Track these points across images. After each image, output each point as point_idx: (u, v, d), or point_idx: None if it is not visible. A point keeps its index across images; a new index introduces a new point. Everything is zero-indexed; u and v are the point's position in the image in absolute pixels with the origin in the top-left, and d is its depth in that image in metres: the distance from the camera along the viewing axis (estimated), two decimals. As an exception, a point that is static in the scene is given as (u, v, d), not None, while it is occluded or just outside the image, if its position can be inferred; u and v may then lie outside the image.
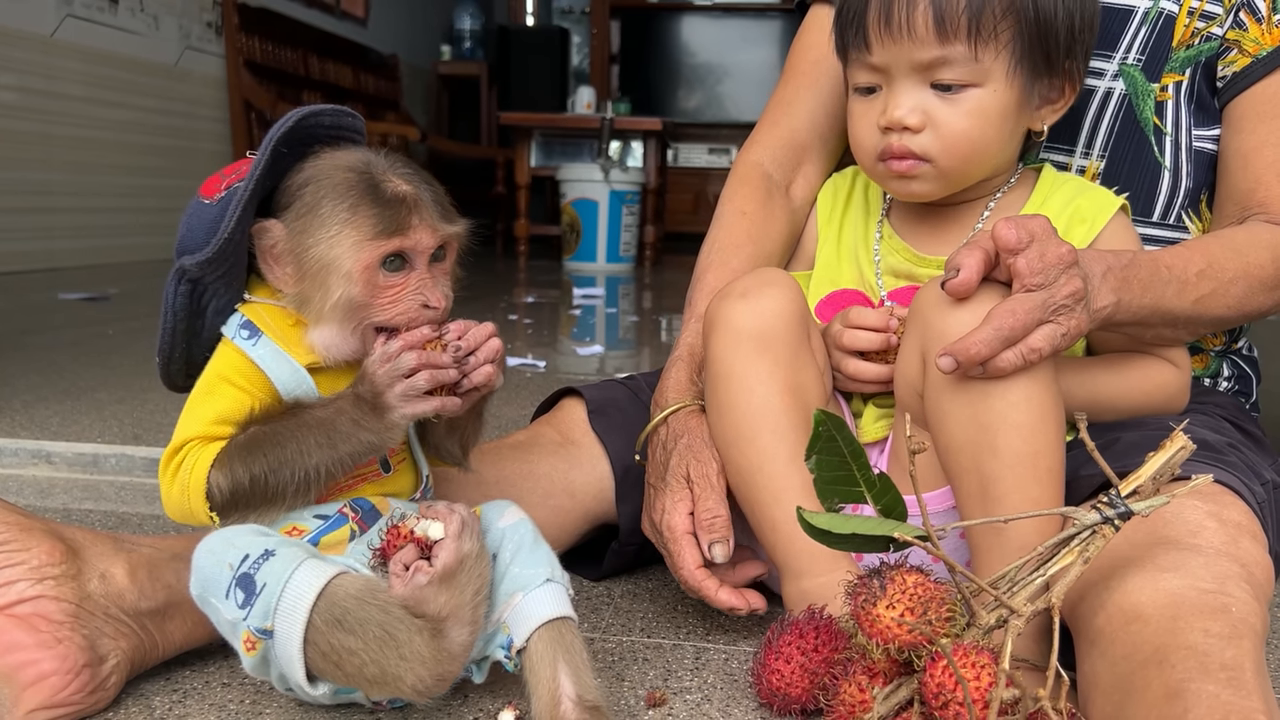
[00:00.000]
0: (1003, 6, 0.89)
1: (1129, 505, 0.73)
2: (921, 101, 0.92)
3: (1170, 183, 1.05)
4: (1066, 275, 0.79)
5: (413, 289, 0.75)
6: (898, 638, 0.70)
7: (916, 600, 0.71)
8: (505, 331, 2.85)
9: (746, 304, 0.91)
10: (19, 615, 0.76)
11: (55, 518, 1.26)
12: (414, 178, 0.76)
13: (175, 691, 0.83)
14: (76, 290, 3.34)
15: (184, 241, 0.76)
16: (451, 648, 0.70)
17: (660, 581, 1.11)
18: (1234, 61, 1.01)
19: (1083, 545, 0.74)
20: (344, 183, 0.73)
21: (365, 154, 0.76)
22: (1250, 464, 0.91)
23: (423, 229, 0.74)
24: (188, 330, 0.80)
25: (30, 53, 3.92)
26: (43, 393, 1.75)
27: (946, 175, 0.94)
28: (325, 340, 0.75)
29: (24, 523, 0.80)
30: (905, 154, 0.93)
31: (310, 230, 0.73)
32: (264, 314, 0.77)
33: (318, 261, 0.73)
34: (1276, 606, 1.10)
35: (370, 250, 0.73)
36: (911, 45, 0.90)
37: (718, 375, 0.92)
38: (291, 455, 0.72)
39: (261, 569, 0.70)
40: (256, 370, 0.75)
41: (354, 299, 0.73)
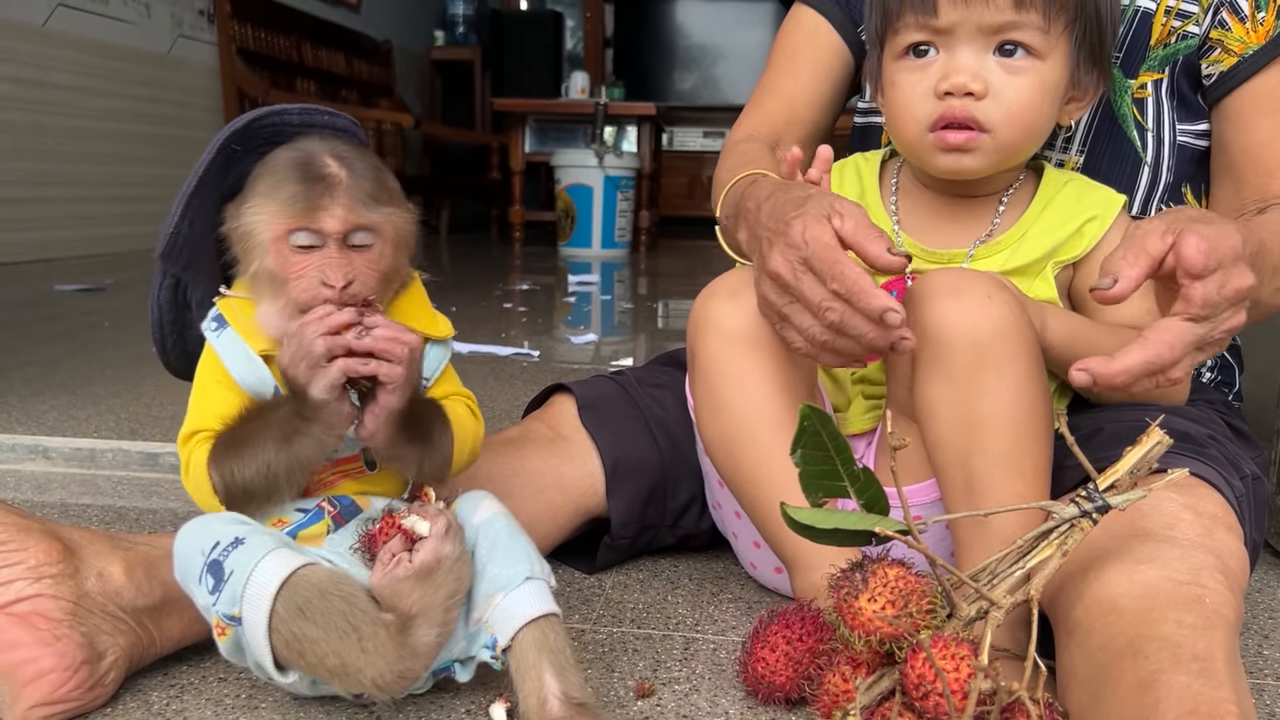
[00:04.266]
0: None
1: (1106, 499, 0.74)
2: (985, 68, 0.90)
3: (1150, 176, 1.06)
4: (1234, 310, 0.76)
5: (315, 266, 0.75)
6: (879, 630, 0.72)
7: (898, 593, 0.72)
8: (500, 320, 2.86)
9: (735, 303, 0.91)
10: (17, 614, 0.78)
11: (53, 513, 1.27)
12: (353, 163, 0.76)
13: (173, 687, 0.85)
14: (72, 281, 3.35)
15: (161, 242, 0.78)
16: (416, 646, 0.71)
17: (651, 573, 1.12)
18: (1219, 60, 1.02)
19: (1061, 538, 0.75)
20: (283, 163, 0.75)
21: (329, 144, 0.77)
22: (1231, 457, 0.92)
23: (334, 210, 0.74)
24: (176, 321, 0.82)
25: (22, 43, 3.92)
26: (39, 387, 1.76)
27: (1003, 149, 0.92)
28: (265, 318, 0.76)
29: (21, 523, 0.81)
30: (967, 121, 0.91)
31: (244, 205, 0.76)
32: (234, 305, 0.78)
33: (244, 234, 0.76)
34: (1256, 592, 1.12)
35: (280, 224, 0.74)
36: (985, 8, 0.88)
37: (711, 375, 0.93)
38: (254, 454, 0.74)
39: (230, 556, 0.72)
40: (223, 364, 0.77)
41: (270, 271, 0.75)
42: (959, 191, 0.99)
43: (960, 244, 0.99)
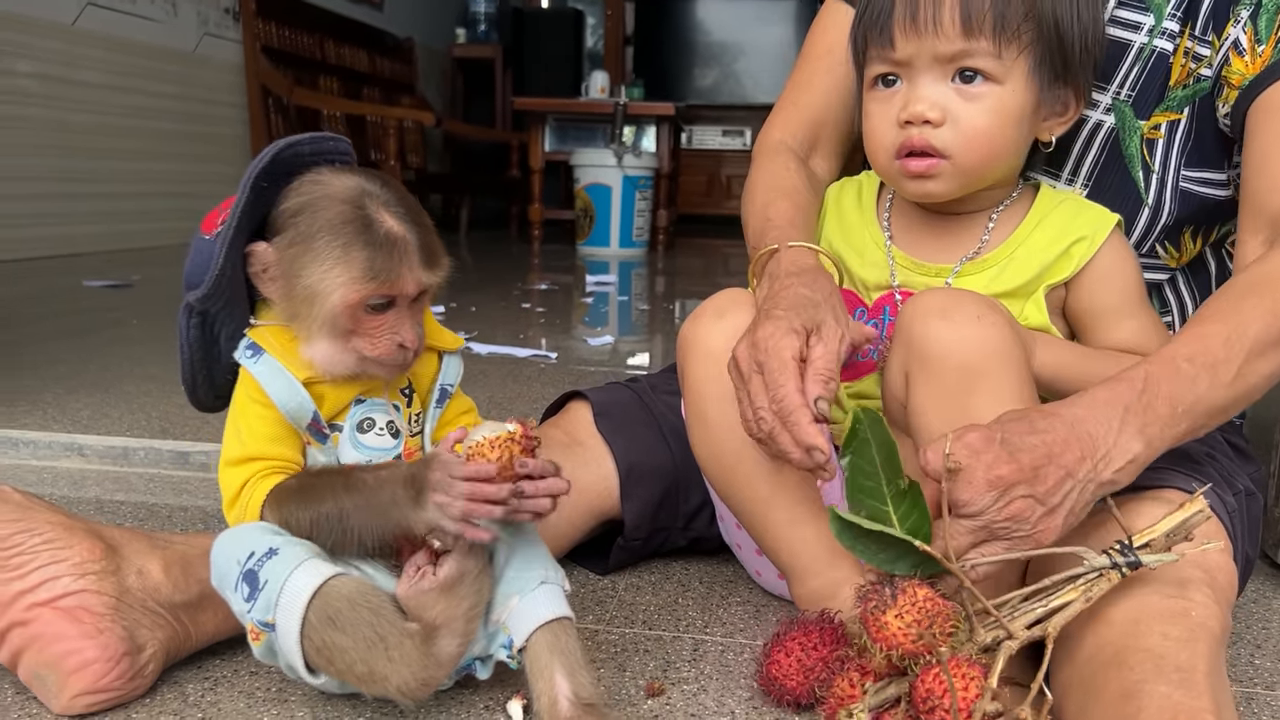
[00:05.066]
0: (1025, 9, 0.92)
1: (1139, 556, 0.77)
2: (942, 97, 0.93)
3: (1149, 217, 1.07)
4: (1003, 499, 0.78)
5: (390, 327, 0.79)
6: (902, 646, 0.75)
7: (924, 614, 0.75)
8: (519, 320, 2.90)
9: (722, 325, 0.95)
10: (63, 608, 0.82)
11: (89, 509, 1.32)
12: (405, 216, 0.79)
13: (207, 679, 0.89)
14: (100, 277, 3.41)
15: (189, 276, 0.82)
16: (439, 655, 0.75)
17: (663, 575, 1.16)
18: (1228, 99, 1.03)
19: (1088, 585, 0.78)
20: (338, 217, 0.77)
21: (360, 182, 0.80)
22: (1226, 473, 0.95)
23: (408, 278, 0.79)
24: (205, 358, 0.85)
25: (52, 41, 3.98)
26: (72, 384, 1.81)
27: (964, 173, 0.95)
28: (320, 355, 0.80)
29: (66, 523, 0.86)
30: (925, 148, 0.94)
31: (303, 260, 0.78)
32: (267, 334, 0.82)
33: (308, 290, 0.78)
34: (1251, 603, 1.15)
35: (358, 291, 0.77)
36: (937, 39, 0.92)
37: (699, 395, 0.96)
38: (330, 512, 0.78)
39: (265, 566, 0.76)
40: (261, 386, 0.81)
41: (338, 328, 0.78)
42: (946, 208, 1.02)
43: (948, 259, 1.02)
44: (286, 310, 0.80)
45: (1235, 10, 1.01)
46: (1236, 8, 1.01)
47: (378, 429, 0.84)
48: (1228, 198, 1.07)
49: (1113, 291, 1.01)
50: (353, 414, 0.84)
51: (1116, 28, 1.07)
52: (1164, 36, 1.06)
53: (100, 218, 4.30)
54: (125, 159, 4.44)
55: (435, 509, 0.76)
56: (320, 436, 0.83)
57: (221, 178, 5.15)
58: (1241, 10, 1.01)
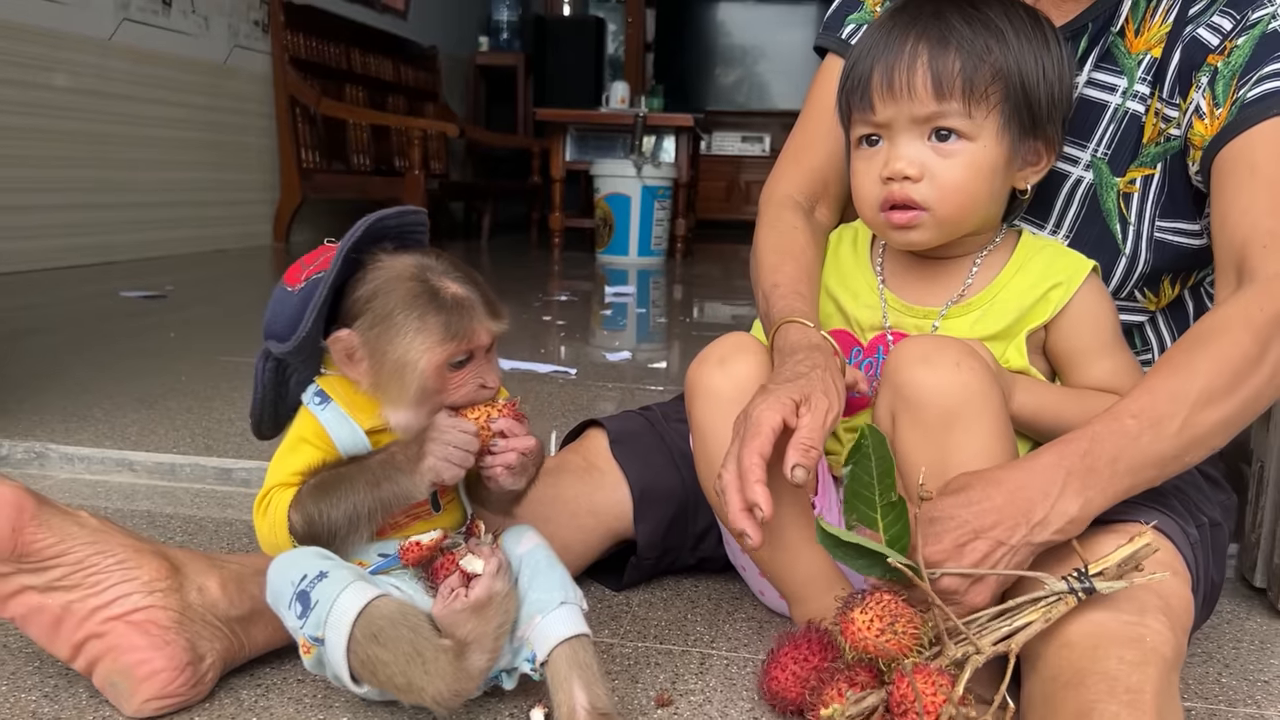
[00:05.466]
0: (992, 72, 1.00)
1: (1094, 583, 0.86)
2: (920, 154, 1.02)
3: (1126, 266, 1.15)
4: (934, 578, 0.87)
5: (473, 376, 0.89)
6: (866, 639, 0.84)
7: (888, 613, 0.84)
8: (539, 334, 2.99)
9: (724, 370, 1.03)
10: (134, 622, 0.92)
11: (141, 521, 1.42)
12: (463, 279, 0.89)
13: (259, 686, 0.99)
14: (135, 287, 3.52)
15: (270, 325, 0.91)
16: (470, 669, 0.84)
17: (673, 592, 1.25)
18: (1195, 158, 1.11)
19: (1048, 607, 0.87)
20: (409, 293, 0.87)
21: (418, 259, 0.89)
22: (1191, 504, 1.03)
23: (480, 331, 0.88)
24: (275, 398, 0.95)
25: (88, 55, 4.11)
26: (120, 400, 1.91)
27: (942, 223, 1.04)
28: (401, 421, 0.88)
29: (136, 545, 0.96)
30: (906, 202, 1.03)
31: (386, 337, 0.87)
32: (335, 384, 0.91)
33: (396, 363, 0.87)
34: (1225, 623, 1.23)
35: (441, 353, 0.87)
36: (911, 103, 1.00)
37: (705, 434, 1.05)
38: (343, 494, 0.87)
39: (316, 587, 0.85)
40: (325, 431, 0.90)
41: (427, 390, 0.87)
42: (933, 254, 1.10)
43: (935, 302, 1.10)
44: (375, 385, 0.88)
45: (1196, 77, 1.09)
46: (1197, 74, 1.09)
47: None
48: (1202, 246, 1.14)
49: (1088, 334, 1.09)
50: (390, 444, 0.93)
51: (1093, 89, 1.15)
52: (1136, 99, 1.14)
53: (133, 226, 4.42)
54: (157, 169, 4.56)
55: (435, 458, 0.85)
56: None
57: (250, 185, 5.28)
58: (1201, 77, 1.09)
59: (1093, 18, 1.15)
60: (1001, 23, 1.02)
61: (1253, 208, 1.02)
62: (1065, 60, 1.07)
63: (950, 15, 1.01)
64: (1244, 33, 1.07)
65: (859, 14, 1.29)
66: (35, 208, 3.85)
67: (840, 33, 1.29)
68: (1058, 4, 1.17)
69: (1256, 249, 1.00)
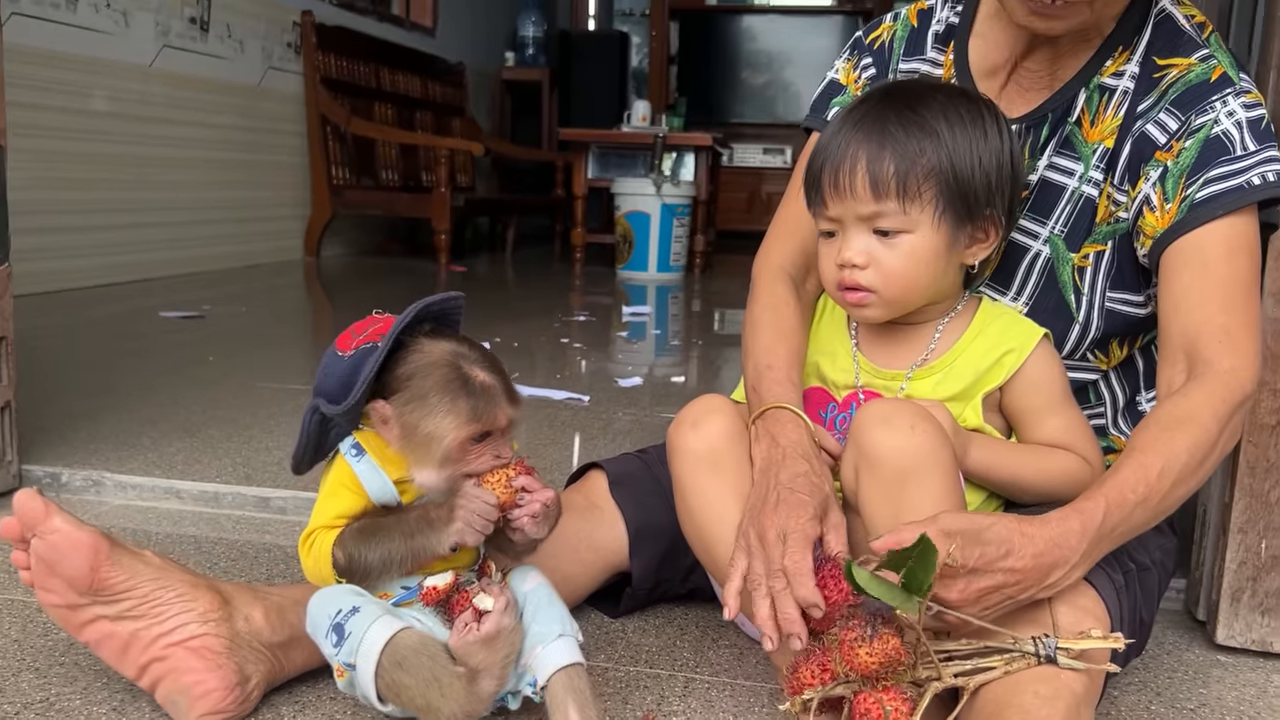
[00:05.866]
0: (925, 171, 1.13)
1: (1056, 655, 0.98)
2: (867, 245, 1.16)
3: (1079, 332, 1.27)
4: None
5: (490, 449, 1.03)
6: (862, 672, 0.96)
7: (889, 659, 0.95)
8: (557, 357, 3.14)
9: (698, 432, 1.17)
10: (191, 647, 1.07)
11: (189, 545, 1.57)
12: (490, 368, 1.03)
13: (297, 703, 1.13)
14: (174, 306, 3.70)
15: (320, 385, 1.05)
16: (480, 693, 0.98)
17: (665, 619, 1.39)
18: (1144, 244, 1.23)
19: (1010, 660, 1.00)
20: (444, 378, 1.01)
21: (453, 347, 1.03)
22: (1121, 552, 1.16)
23: (500, 414, 1.03)
24: (316, 444, 1.09)
25: (130, 81, 4.29)
26: (165, 429, 2.07)
27: (890, 303, 1.18)
28: (425, 480, 1.03)
29: (193, 580, 1.10)
30: (856, 286, 1.17)
31: (420, 413, 1.01)
32: (369, 438, 1.06)
33: (426, 435, 1.01)
34: (1166, 654, 1.35)
35: (466, 431, 1.01)
36: (854, 202, 1.14)
37: (683, 488, 1.19)
38: (380, 541, 1.02)
39: (350, 620, 1.00)
40: (359, 480, 1.05)
41: (450, 459, 1.02)
42: (900, 320, 1.22)
43: (901, 365, 1.23)
44: (405, 450, 1.03)
45: (1145, 170, 1.22)
46: (1145, 167, 1.22)
47: (443, 510, 1.08)
48: (1146, 314, 1.27)
49: (1039, 395, 1.22)
50: (421, 500, 1.07)
51: (1053, 172, 1.28)
52: (1090, 183, 1.26)
53: (171, 244, 4.61)
54: (195, 189, 4.74)
55: (461, 524, 1.00)
56: (391, 514, 1.07)
57: (282, 202, 5.46)
58: (1151, 170, 1.21)
59: (1052, 109, 1.28)
60: (937, 122, 1.14)
61: (1207, 302, 1.15)
62: (1007, 147, 1.18)
63: (889, 120, 1.14)
64: (1190, 136, 1.19)
65: (841, 97, 1.42)
66: (78, 228, 4.03)
67: (825, 114, 1.42)
68: (1022, 94, 1.30)
69: (1212, 342, 1.14)
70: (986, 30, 1.34)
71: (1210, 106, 1.20)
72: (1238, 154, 1.17)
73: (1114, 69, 1.26)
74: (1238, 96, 1.20)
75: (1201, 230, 1.17)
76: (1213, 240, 1.16)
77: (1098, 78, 1.26)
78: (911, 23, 1.41)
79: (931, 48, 1.38)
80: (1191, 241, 1.17)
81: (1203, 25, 1.27)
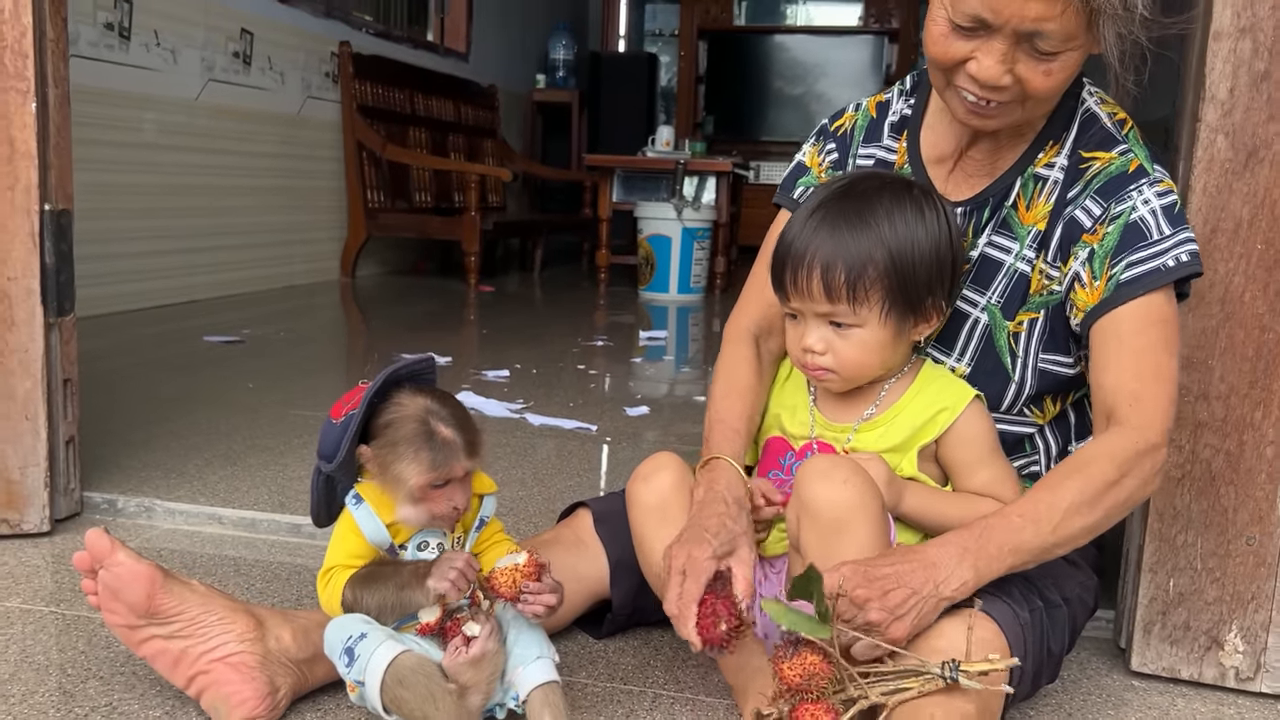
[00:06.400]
0: (872, 279, 1.31)
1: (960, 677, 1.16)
2: (824, 335, 1.34)
3: (1015, 390, 1.44)
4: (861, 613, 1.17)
5: (447, 496, 1.22)
6: (788, 683, 1.15)
7: (808, 671, 1.14)
8: (571, 386, 3.34)
9: (648, 485, 1.37)
10: (231, 663, 1.27)
11: (229, 566, 1.78)
12: (455, 423, 1.22)
13: (319, 710, 1.33)
14: (216, 328, 3.94)
15: (320, 448, 1.25)
16: (469, 706, 1.18)
17: (642, 641, 1.58)
18: (1076, 315, 1.40)
19: (924, 682, 1.18)
20: (412, 431, 1.21)
21: (426, 403, 1.22)
22: (1030, 590, 1.33)
23: (457, 466, 1.22)
24: (327, 501, 1.29)
25: (177, 115, 4.54)
26: (209, 456, 2.29)
27: (848, 380, 1.37)
28: (404, 515, 1.23)
29: (232, 605, 1.31)
30: (816, 366, 1.36)
31: (390, 458, 1.21)
32: (367, 489, 1.26)
33: (394, 477, 1.21)
34: (1086, 678, 1.52)
35: (426, 477, 1.20)
36: (812, 302, 1.32)
37: (638, 533, 1.38)
38: (376, 589, 1.22)
39: (359, 644, 1.20)
40: (358, 526, 1.24)
41: (414, 498, 1.21)
42: None
43: (850, 419, 1.41)
44: (382, 486, 1.23)
45: (1074, 250, 1.39)
46: (1075, 248, 1.39)
47: (430, 549, 1.28)
48: (1075, 373, 1.44)
49: (970, 449, 1.40)
50: (415, 539, 1.27)
51: (993, 249, 1.45)
52: (1024, 260, 1.44)
53: (214, 268, 4.86)
54: (236, 214, 4.99)
55: (433, 585, 1.19)
56: (393, 554, 1.26)
57: (320, 225, 5.70)
58: (1080, 250, 1.38)
59: (992, 194, 1.45)
60: (885, 227, 1.31)
61: (1122, 371, 1.33)
62: (945, 236, 1.35)
63: (841, 227, 1.31)
64: (1112, 222, 1.36)
65: (807, 178, 1.61)
66: (128, 255, 4.28)
67: (793, 193, 1.61)
68: (966, 180, 1.48)
69: (1124, 405, 1.32)
70: (936, 123, 1.52)
71: (1128, 195, 1.37)
72: (1154, 238, 1.35)
73: (1046, 160, 1.44)
74: (1152, 186, 1.37)
75: (1121, 309, 1.34)
76: (1131, 316, 1.34)
77: (1032, 168, 1.44)
78: (871, 113, 1.59)
79: (888, 136, 1.56)
80: (1113, 318, 1.35)
81: (1123, 122, 1.44)
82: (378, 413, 1.24)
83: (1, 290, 1.79)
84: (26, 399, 1.82)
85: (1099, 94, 1.46)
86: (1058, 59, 1.28)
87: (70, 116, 1.87)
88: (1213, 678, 1.49)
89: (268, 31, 5.11)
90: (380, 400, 1.24)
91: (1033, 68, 1.28)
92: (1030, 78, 1.28)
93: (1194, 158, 1.40)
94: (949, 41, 1.32)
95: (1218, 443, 1.43)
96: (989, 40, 1.28)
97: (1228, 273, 1.40)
